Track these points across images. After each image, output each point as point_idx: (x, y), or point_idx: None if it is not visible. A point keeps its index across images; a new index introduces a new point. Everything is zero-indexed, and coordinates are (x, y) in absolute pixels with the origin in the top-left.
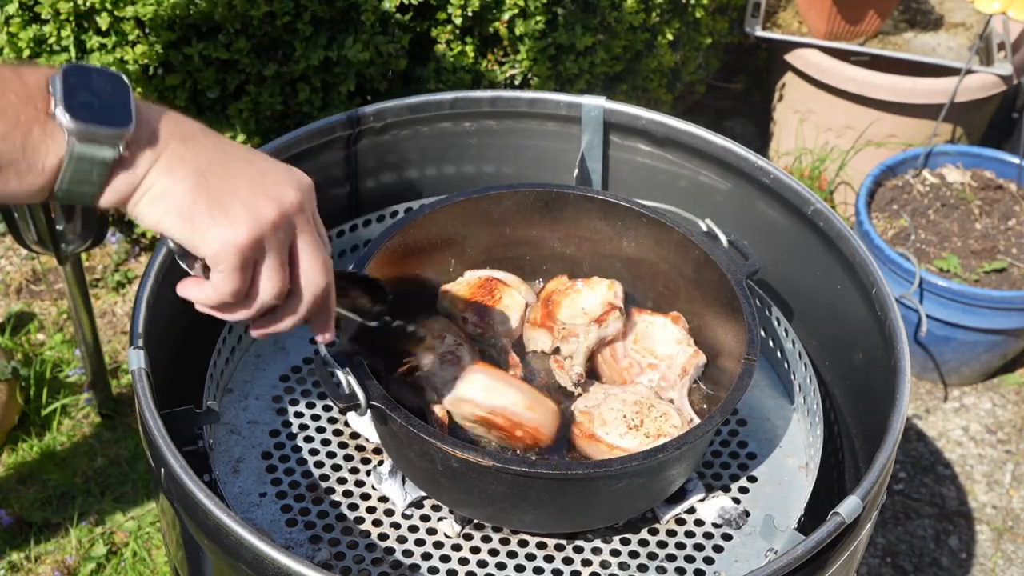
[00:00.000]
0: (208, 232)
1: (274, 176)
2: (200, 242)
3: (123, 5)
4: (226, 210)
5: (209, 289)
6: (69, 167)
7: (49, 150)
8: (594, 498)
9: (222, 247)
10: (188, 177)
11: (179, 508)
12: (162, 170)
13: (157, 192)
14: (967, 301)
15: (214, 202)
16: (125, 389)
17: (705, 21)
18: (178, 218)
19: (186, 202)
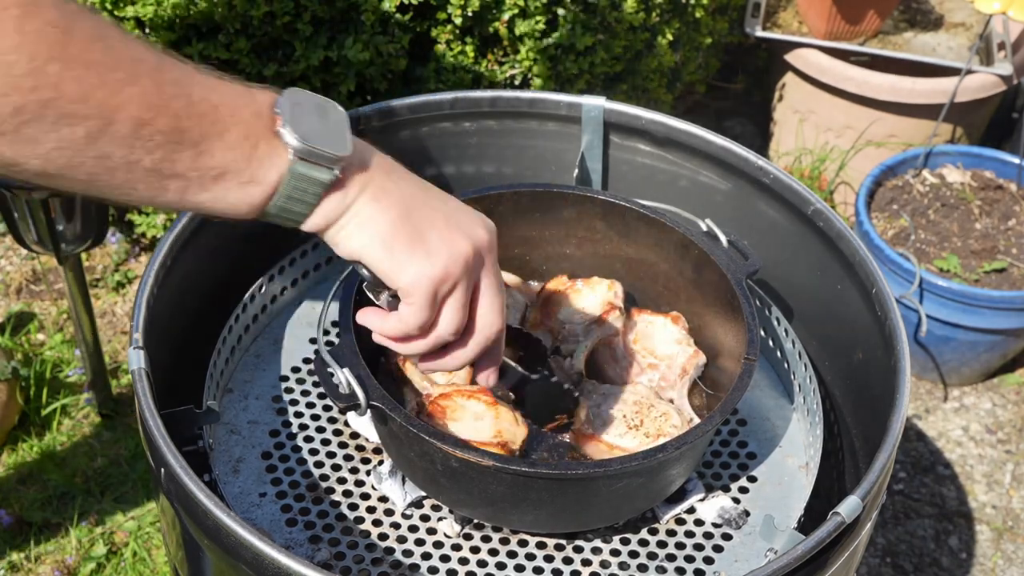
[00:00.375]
0: (407, 264)
1: (466, 215)
2: (398, 273)
3: (123, 5)
4: (425, 243)
5: (395, 321)
6: (289, 184)
7: (272, 165)
8: (594, 498)
9: (417, 279)
10: (392, 208)
11: (179, 508)
12: (370, 199)
13: (363, 219)
14: (967, 301)
15: (415, 234)
16: (125, 389)
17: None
18: (380, 247)
19: (389, 232)
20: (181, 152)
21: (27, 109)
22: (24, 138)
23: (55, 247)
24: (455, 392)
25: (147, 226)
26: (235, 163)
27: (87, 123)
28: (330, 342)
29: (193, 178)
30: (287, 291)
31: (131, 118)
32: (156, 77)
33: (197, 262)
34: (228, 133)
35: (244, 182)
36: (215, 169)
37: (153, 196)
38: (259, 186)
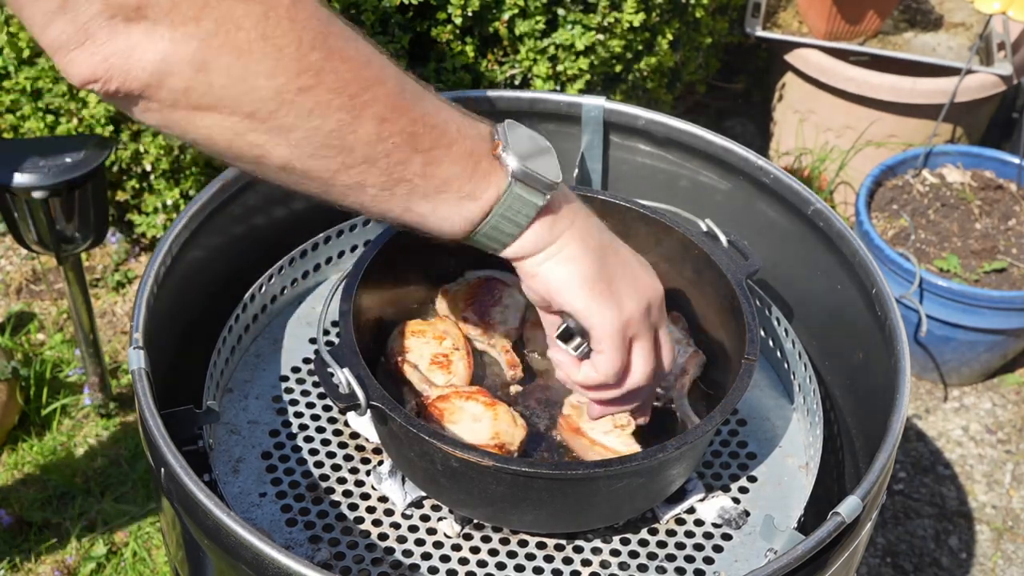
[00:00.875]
0: (603, 307)
1: (645, 268)
2: (593, 315)
3: None
4: (618, 289)
5: (589, 370)
6: (504, 203)
7: (491, 184)
8: (594, 498)
9: (612, 324)
10: (595, 250)
11: (179, 508)
12: (575, 236)
13: (568, 255)
14: (967, 301)
15: (610, 279)
16: (125, 389)
17: (705, 21)
18: (581, 287)
19: (591, 273)
20: (413, 157)
21: (287, 93)
22: (278, 125)
23: (55, 247)
24: (453, 394)
25: (147, 226)
26: (458, 177)
27: (338, 115)
28: (330, 342)
29: (419, 185)
30: (287, 291)
31: (376, 116)
32: (399, 83)
33: (197, 262)
34: (455, 147)
35: (463, 196)
36: (440, 179)
37: (380, 201)
38: (477, 202)
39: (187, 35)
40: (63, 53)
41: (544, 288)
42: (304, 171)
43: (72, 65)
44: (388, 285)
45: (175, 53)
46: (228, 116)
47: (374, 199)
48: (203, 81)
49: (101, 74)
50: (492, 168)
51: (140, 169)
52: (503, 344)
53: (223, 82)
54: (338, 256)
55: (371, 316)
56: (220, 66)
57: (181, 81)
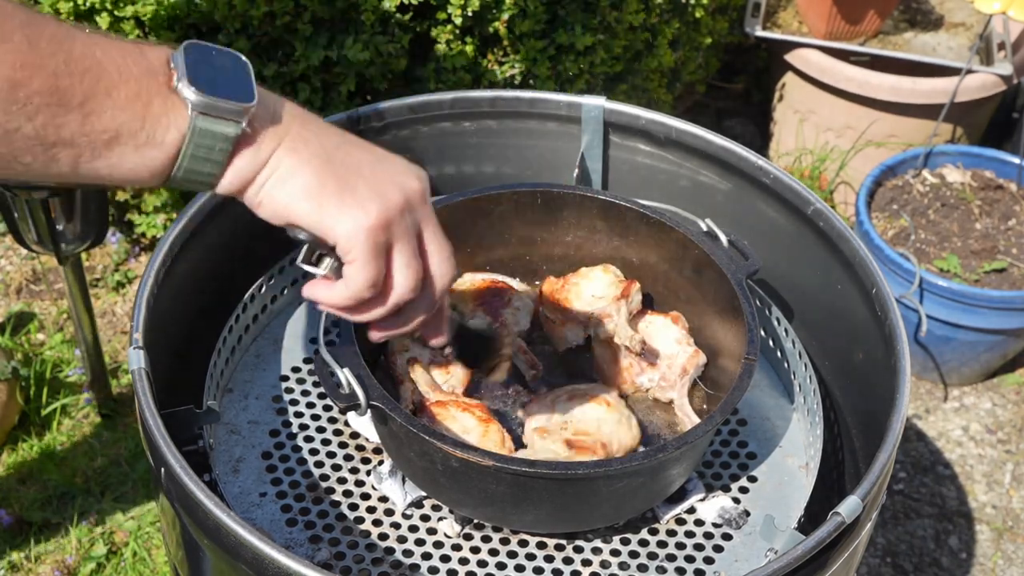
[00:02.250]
0: (339, 215)
1: (393, 163)
2: (332, 225)
3: (123, 5)
4: (354, 192)
5: (341, 287)
6: (191, 142)
7: (171, 123)
8: (594, 498)
9: (354, 229)
10: (314, 158)
11: (179, 508)
12: (288, 150)
13: (284, 173)
14: (967, 301)
15: (342, 184)
16: (125, 389)
17: (705, 21)
18: (307, 200)
19: (314, 183)
20: (65, 116)
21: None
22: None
23: (55, 247)
24: (452, 402)
25: (147, 226)
26: (128, 124)
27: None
28: (330, 342)
29: (83, 144)
30: (287, 291)
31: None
32: (29, 34)
33: (197, 262)
34: (116, 91)
35: (140, 145)
36: (106, 132)
37: (44, 167)
38: (158, 148)
39: None
40: None
41: (274, 216)
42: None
43: None
44: None
45: None
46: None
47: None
48: None
49: None
50: (169, 106)
51: None
52: (520, 344)
53: None
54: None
55: None
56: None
57: None
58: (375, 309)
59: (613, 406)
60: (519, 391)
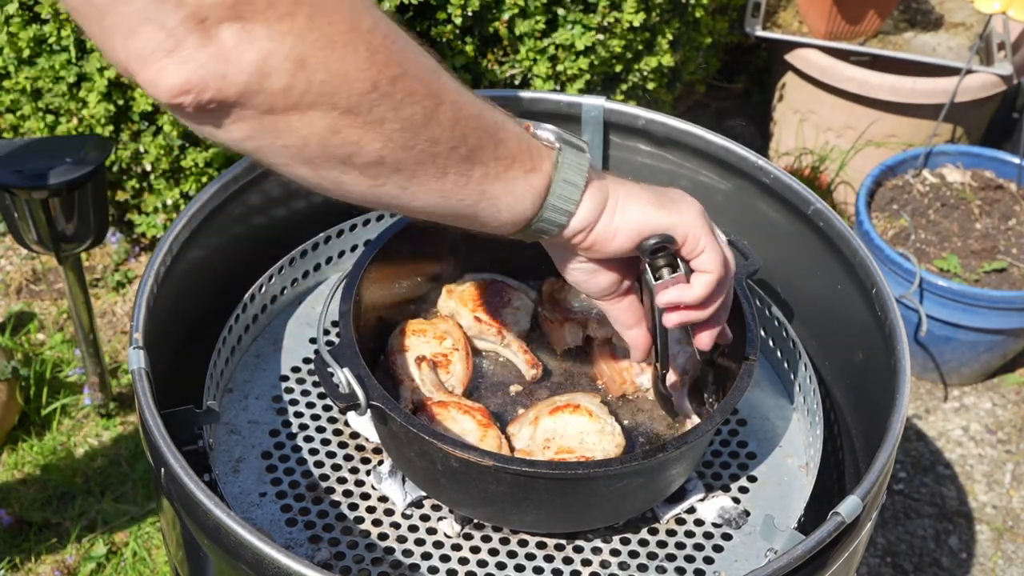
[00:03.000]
0: (680, 212)
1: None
2: (679, 220)
3: None
4: (675, 199)
5: (703, 276)
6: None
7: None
8: (594, 498)
9: (695, 217)
10: (633, 186)
11: (179, 508)
12: (615, 182)
13: (626, 197)
14: (967, 301)
15: (665, 197)
16: (125, 389)
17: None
18: (656, 210)
19: (652, 199)
20: (487, 139)
21: (381, 84)
22: (375, 118)
23: (55, 247)
24: (454, 404)
25: (147, 226)
26: (519, 153)
27: (424, 103)
28: (330, 342)
29: (492, 167)
30: (287, 291)
31: (452, 102)
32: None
33: (197, 262)
34: (508, 126)
35: (528, 170)
36: (508, 158)
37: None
38: (540, 174)
39: (284, 32)
40: (150, 64)
41: (627, 237)
42: (394, 163)
43: (162, 76)
44: (388, 285)
45: (274, 51)
46: (326, 113)
47: (454, 186)
48: (303, 78)
49: (196, 83)
50: (537, 142)
51: (140, 169)
52: (519, 344)
53: (322, 77)
54: (338, 256)
55: (371, 316)
56: (318, 61)
57: (280, 80)
58: (720, 293)
59: (595, 415)
60: (519, 391)
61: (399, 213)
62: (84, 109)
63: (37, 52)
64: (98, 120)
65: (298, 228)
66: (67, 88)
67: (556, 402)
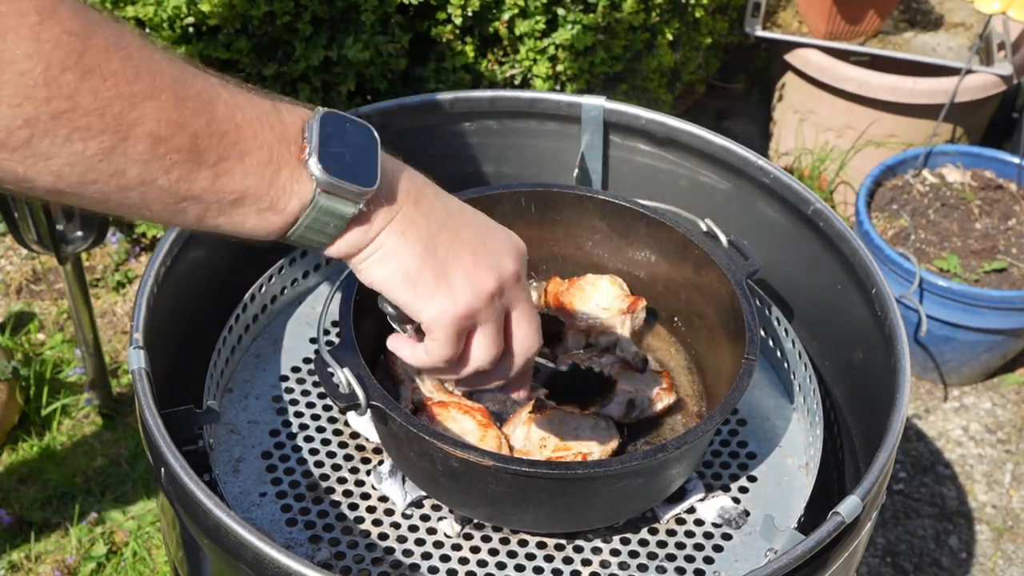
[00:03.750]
0: (430, 300)
1: (495, 245)
2: (421, 308)
3: (123, 5)
4: (449, 280)
5: (422, 353)
6: (309, 216)
7: (293, 195)
8: (594, 498)
9: (440, 316)
10: (419, 242)
11: (179, 508)
12: (395, 231)
13: (387, 252)
14: (967, 301)
15: (439, 270)
16: (125, 389)
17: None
18: (403, 282)
19: (413, 267)
20: (199, 172)
21: (39, 121)
22: (35, 152)
23: (55, 247)
24: (454, 404)
25: (147, 226)
26: (255, 189)
27: (101, 138)
28: (330, 342)
29: (211, 202)
30: (287, 291)
31: (148, 134)
32: (177, 91)
33: (197, 262)
34: (249, 157)
35: (263, 208)
36: (234, 193)
37: (170, 217)
38: (279, 215)
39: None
40: None
41: (369, 284)
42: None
43: None
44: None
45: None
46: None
47: (165, 217)
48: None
49: None
50: (295, 178)
51: None
52: None
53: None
54: None
55: (371, 316)
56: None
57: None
58: (450, 375)
59: (588, 412)
60: None
61: None
62: None
63: None
64: None
65: None
66: None
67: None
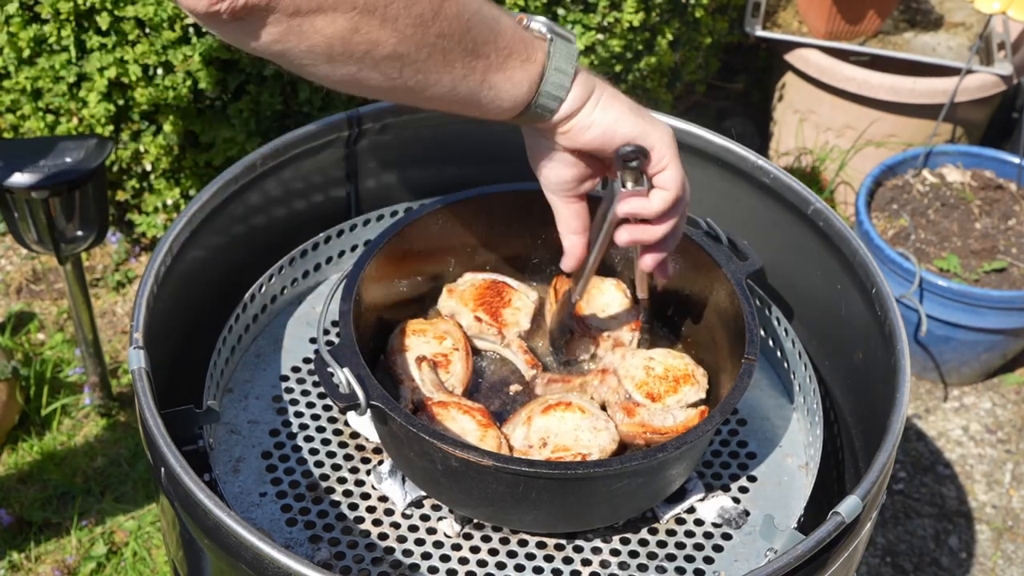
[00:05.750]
0: (655, 124)
1: None
2: (651, 131)
3: (123, 5)
4: (649, 114)
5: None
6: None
7: (536, 46)
8: (594, 498)
9: (665, 135)
10: (616, 92)
11: (179, 508)
12: (601, 84)
13: (607, 98)
14: (967, 301)
15: (640, 109)
16: (125, 389)
17: (705, 21)
18: (632, 114)
19: (629, 107)
20: (486, 33)
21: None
22: (390, 15)
23: (55, 247)
24: (455, 404)
25: (147, 226)
26: (516, 45)
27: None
28: (330, 342)
29: (492, 58)
30: (287, 291)
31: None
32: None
33: (197, 262)
34: (504, 20)
35: (524, 60)
36: (507, 49)
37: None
38: (535, 63)
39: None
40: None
41: (601, 132)
42: (407, 56)
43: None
44: (388, 285)
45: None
46: (347, 13)
47: (461, 77)
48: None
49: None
50: (530, 34)
51: (140, 169)
52: (519, 344)
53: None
54: (338, 256)
55: (371, 316)
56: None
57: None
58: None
59: (588, 412)
60: (519, 391)
61: (412, 104)
62: (84, 109)
63: (37, 52)
64: (98, 120)
65: (298, 228)
66: (67, 88)
67: (548, 400)
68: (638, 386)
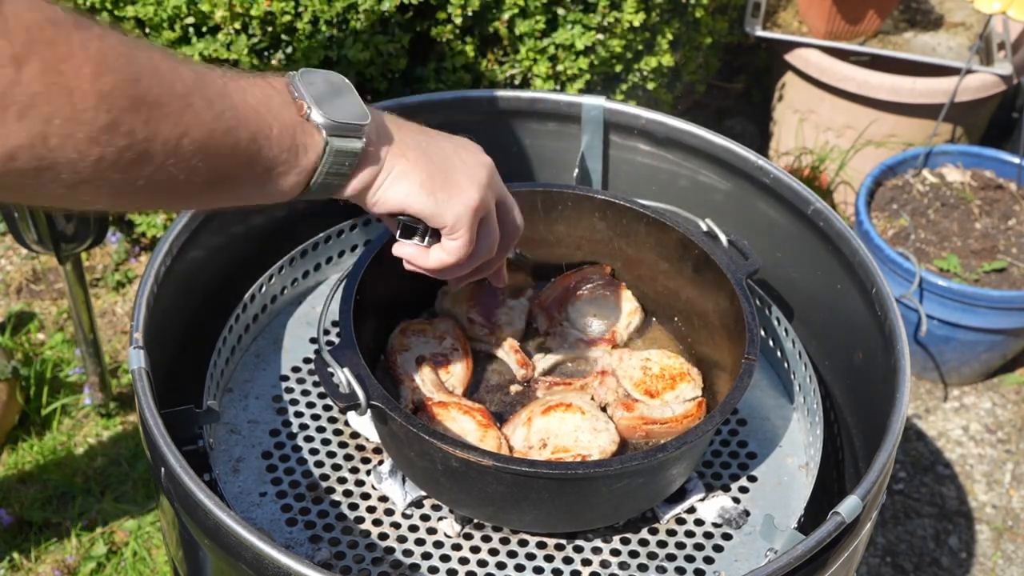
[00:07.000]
0: (449, 203)
1: (467, 147)
2: (443, 212)
3: (123, 5)
4: (457, 183)
5: (438, 254)
6: (327, 161)
7: (308, 148)
8: (594, 498)
9: (464, 214)
10: (420, 159)
11: (179, 508)
12: (397, 155)
13: (399, 174)
14: (967, 301)
15: (445, 177)
16: (125, 389)
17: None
18: (422, 193)
19: (425, 179)
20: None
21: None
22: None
23: (55, 247)
24: (455, 404)
25: (147, 226)
26: (282, 155)
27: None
28: (330, 342)
29: (246, 180)
30: (287, 291)
31: (193, 142)
32: (202, 95)
33: (197, 262)
34: (272, 130)
35: (289, 171)
36: (265, 164)
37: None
38: (301, 173)
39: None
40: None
41: (390, 209)
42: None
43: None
44: (388, 285)
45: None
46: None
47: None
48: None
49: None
50: (307, 133)
51: None
52: (512, 344)
53: None
54: (338, 256)
55: (371, 316)
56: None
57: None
58: (462, 271)
59: (587, 413)
60: (519, 391)
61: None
62: None
63: None
64: None
65: (298, 228)
66: None
67: (548, 402)
68: (636, 385)
